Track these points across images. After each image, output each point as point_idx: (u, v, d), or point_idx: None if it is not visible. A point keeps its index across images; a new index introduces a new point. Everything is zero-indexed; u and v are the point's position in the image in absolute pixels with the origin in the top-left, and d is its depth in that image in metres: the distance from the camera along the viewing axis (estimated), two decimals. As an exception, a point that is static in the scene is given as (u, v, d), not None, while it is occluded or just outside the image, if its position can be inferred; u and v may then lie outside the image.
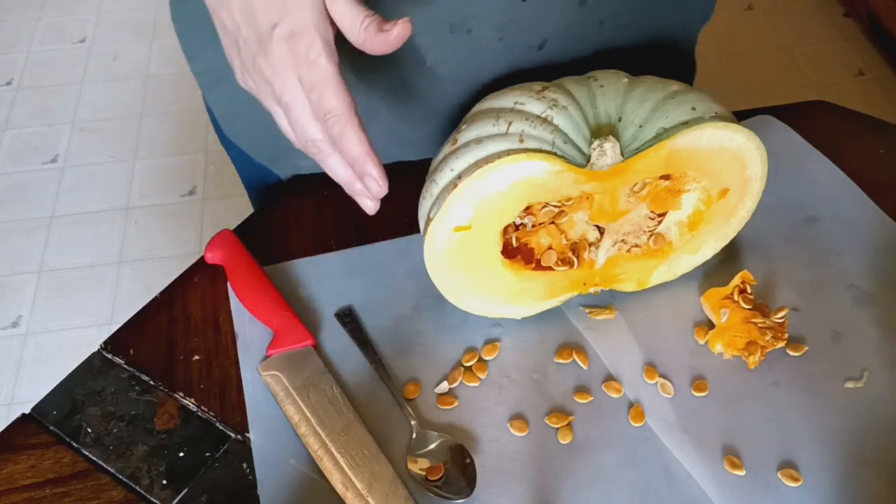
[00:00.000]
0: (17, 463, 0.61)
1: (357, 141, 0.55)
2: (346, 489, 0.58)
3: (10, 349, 1.77)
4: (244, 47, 0.56)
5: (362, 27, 0.53)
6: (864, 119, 0.86)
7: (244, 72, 0.58)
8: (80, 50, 2.48)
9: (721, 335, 0.66)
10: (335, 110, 0.54)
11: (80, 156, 2.17)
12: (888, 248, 0.73)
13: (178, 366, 0.67)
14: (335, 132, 0.55)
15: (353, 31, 0.54)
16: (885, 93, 2.22)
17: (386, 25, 0.53)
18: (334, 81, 0.54)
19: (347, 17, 0.54)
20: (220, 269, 0.72)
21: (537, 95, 0.61)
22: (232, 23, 0.55)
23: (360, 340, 0.67)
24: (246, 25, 0.55)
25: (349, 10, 0.53)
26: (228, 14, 0.55)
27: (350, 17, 0.53)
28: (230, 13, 0.55)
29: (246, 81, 0.58)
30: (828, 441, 0.61)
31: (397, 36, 0.53)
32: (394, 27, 0.53)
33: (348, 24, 0.54)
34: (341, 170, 0.58)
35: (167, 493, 0.59)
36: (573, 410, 0.63)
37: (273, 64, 0.54)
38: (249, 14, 0.54)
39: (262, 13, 0.53)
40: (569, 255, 0.66)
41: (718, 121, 0.61)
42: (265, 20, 0.54)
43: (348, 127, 0.55)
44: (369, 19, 0.53)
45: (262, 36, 0.54)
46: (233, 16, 0.55)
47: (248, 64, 0.56)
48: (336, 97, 0.54)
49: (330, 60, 0.54)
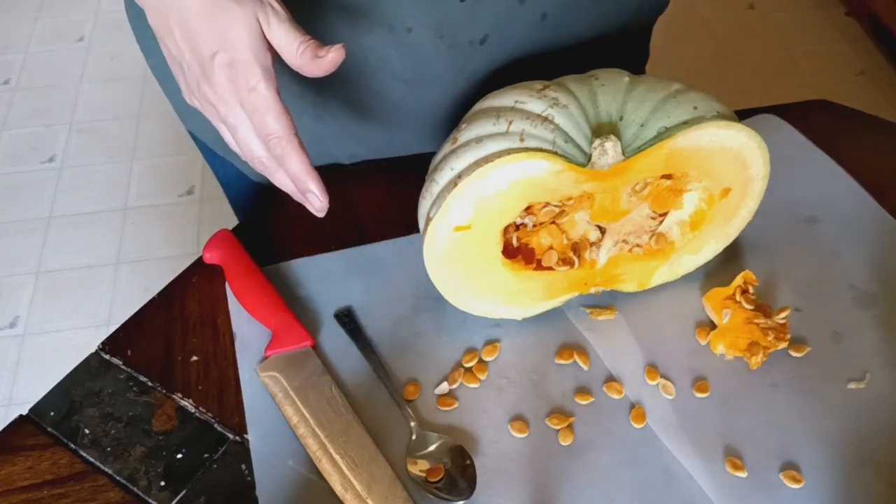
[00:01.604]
0: (15, 464, 0.61)
1: (297, 161, 0.59)
2: (345, 490, 0.58)
3: (7, 350, 1.76)
4: (188, 72, 0.59)
5: (298, 52, 0.56)
6: (866, 118, 0.86)
7: (190, 93, 0.61)
8: (78, 50, 2.48)
9: (723, 336, 0.66)
10: (276, 133, 0.58)
11: (78, 156, 2.17)
12: (890, 247, 0.72)
13: (177, 366, 0.67)
14: (277, 153, 0.59)
15: (290, 57, 0.57)
16: (885, 93, 2.22)
17: (320, 52, 0.56)
18: (274, 106, 0.57)
19: (284, 43, 0.57)
20: (218, 269, 0.71)
21: (538, 94, 0.61)
22: (176, 49, 0.58)
23: (359, 341, 0.67)
24: (189, 52, 0.57)
25: (285, 37, 0.56)
26: (172, 41, 0.58)
27: (286, 43, 0.57)
28: (173, 40, 0.58)
29: (192, 101, 0.61)
30: (829, 442, 0.60)
31: (331, 61, 0.56)
32: (328, 53, 0.56)
33: (285, 50, 0.57)
34: (288, 183, 0.61)
35: (165, 494, 0.59)
36: (574, 411, 0.63)
37: (216, 90, 0.57)
38: (191, 42, 0.57)
39: (203, 42, 0.56)
40: (569, 255, 0.66)
41: (720, 120, 0.61)
42: (206, 49, 0.56)
43: (288, 148, 0.58)
44: (304, 45, 0.56)
45: (203, 64, 0.57)
46: (176, 42, 0.58)
47: (192, 87, 0.59)
48: (276, 121, 0.57)
49: (269, 86, 0.57)
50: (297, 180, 0.60)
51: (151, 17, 0.59)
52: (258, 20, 0.56)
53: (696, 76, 2.28)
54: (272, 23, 0.56)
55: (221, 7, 0.55)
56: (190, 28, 0.56)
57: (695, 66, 2.32)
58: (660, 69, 2.52)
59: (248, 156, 0.60)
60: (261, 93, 0.56)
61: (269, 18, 0.56)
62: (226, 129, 0.60)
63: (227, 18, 0.55)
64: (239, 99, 0.57)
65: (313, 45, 0.56)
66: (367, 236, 0.75)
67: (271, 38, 0.57)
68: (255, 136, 0.59)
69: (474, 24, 0.68)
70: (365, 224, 0.76)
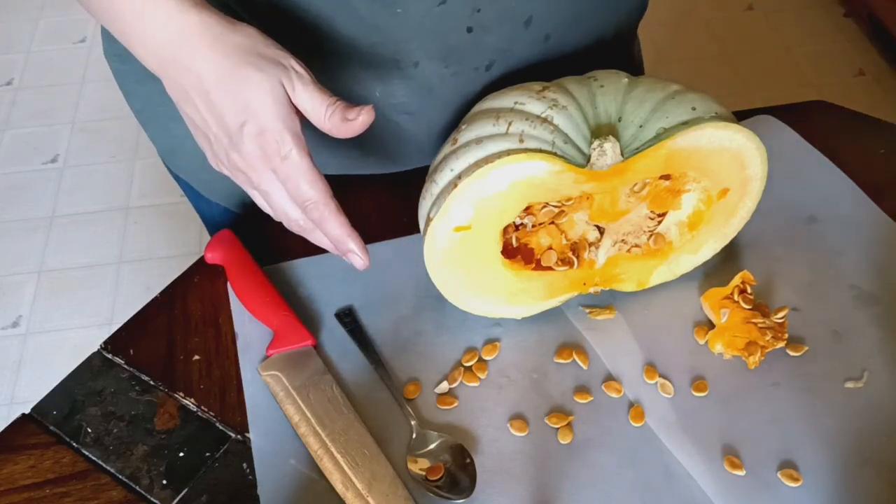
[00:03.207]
0: (17, 463, 0.61)
1: (336, 224, 0.58)
2: (345, 489, 0.58)
3: (9, 349, 1.77)
4: (215, 142, 0.57)
5: (327, 116, 0.56)
6: (865, 119, 0.86)
7: (217, 161, 0.59)
8: (80, 50, 2.48)
9: (721, 335, 0.66)
10: (312, 198, 0.57)
11: (80, 156, 2.17)
12: (888, 247, 0.73)
13: (178, 366, 0.67)
14: (315, 217, 0.58)
15: (318, 120, 0.56)
16: (885, 93, 2.22)
17: (350, 114, 0.55)
18: (308, 173, 0.56)
19: (311, 107, 0.56)
20: (220, 269, 0.72)
21: (537, 95, 0.61)
22: (200, 119, 0.57)
23: (360, 340, 0.67)
24: (215, 124, 0.56)
25: (312, 101, 0.56)
26: (194, 111, 0.57)
27: (314, 107, 0.56)
28: (196, 110, 0.56)
29: (219, 167, 0.60)
30: (828, 441, 0.61)
31: (361, 123, 0.56)
32: (358, 115, 0.55)
33: (313, 114, 0.56)
34: (326, 242, 0.61)
35: (167, 493, 0.59)
36: (573, 410, 0.63)
37: (246, 160, 0.56)
38: (216, 113, 0.55)
39: (228, 113, 0.55)
40: (569, 255, 0.66)
41: (718, 121, 0.61)
42: (232, 120, 0.55)
43: (326, 212, 0.57)
44: (332, 108, 0.55)
45: (232, 135, 0.55)
46: (199, 113, 0.56)
47: (220, 156, 0.58)
48: (311, 187, 0.56)
49: (301, 153, 0.56)
50: (337, 242, 0.59)
51: (169, 86, 0.57)
52: (282, 85, 0.55)
53: (696, 76, 2.28)
54: (297, 88, 0.55)
55: (242, 75, 0.54)
56: (211, 99, 0.55)
57: (695, 67, 2.32)
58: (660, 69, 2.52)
59: (284, 219, 0.60)
60: (293, 160, 0.55)
61: (294, 84, 0.55)
62: (258, 195, 0.59)
63: (250, 86, 0.54)
64: (271, 167, 0.56)
65: (341, 106, 0.55)
66: (368, 236, 0.75)
67: (298, 102, 0.56)
68: (290, 200, 0.58)
69: (480, 52, 0.67)
70: (366, 224, 0.76)
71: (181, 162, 0.82)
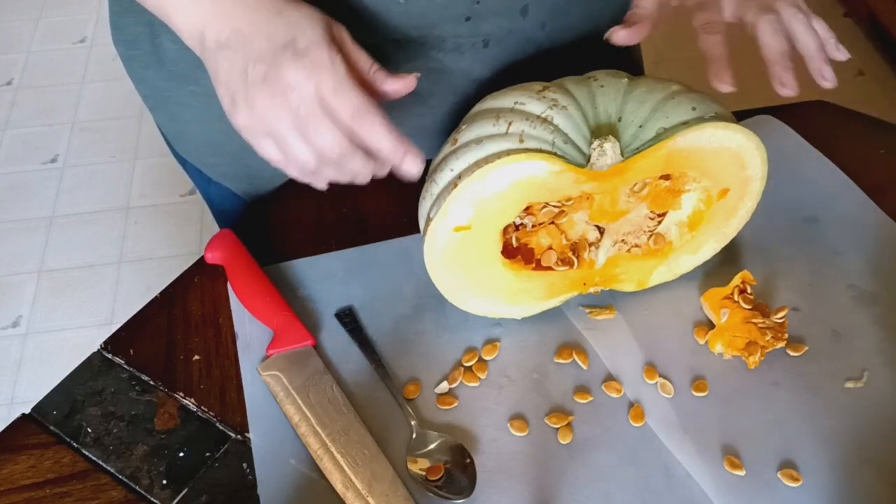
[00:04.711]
0: (18, 463, 0.61)
1: (387, 130, 0.56)
2: (346, 489, 0.58)
3: (10, 349, 1.77)
4: (251, 72, 0.55)
5: (372, 70, 0.58)
6: (864, 119, 0.86)
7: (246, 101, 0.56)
8: (80, 50, 2.48)
9: (721, 335, 0.66)
10: (363, 106, 0.55)
11: (80, 156, 2.17)
12: (888, 247, 0.73)
13: (178, 366, 0.67)
14: (364, 128, 0.56)
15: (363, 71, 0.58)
16: (885, 93, 2.22)
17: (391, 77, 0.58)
18: (354, 84, 0.55)
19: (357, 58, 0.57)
20: (220, 269, 0.72)
21: (537, 95, 0.61)
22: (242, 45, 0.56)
23: (360, 340, 0.67)
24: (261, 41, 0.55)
25: (359, 54, 0.58)
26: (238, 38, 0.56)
27: (360, 59, 0.57)
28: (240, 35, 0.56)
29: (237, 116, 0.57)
30: (828, 441, 0.61)
31: (405, 84, 0.58)
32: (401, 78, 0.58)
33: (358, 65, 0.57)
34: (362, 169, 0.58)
35: (167, 493, 0.59)
36: (573, 410, 0.63)
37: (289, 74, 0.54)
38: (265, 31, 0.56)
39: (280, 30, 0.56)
40: (569, 255, 0.66)
41: (718, 121, 0.61)
42: (282, 35, 0.55)
43: (376, 120, 0.55)
44: (376, 66, 0.58)
45: (276, 53, 0.55)
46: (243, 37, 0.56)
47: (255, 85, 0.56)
48: (359, 95, 0.55)
49: (344, 65, 0.55)
50: (391, 150, 0.56)
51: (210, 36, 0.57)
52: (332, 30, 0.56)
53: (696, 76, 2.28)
54: (346, 39, 0.57)
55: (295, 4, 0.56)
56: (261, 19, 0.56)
57: (695, 67, 2.31)
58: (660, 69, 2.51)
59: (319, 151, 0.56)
60: (338, 69, 0.55)
61: (344, 35, 0.57)
62: (271, 144, 0.57)
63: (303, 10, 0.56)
64: (316, 80, 0.54)
65: (383, 70, 0.58)
66: (368, 236, 0.75)
67: (347, 50, 0.57)
68: (330, 122, 0.55)
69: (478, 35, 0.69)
70: (366, 224, 0.76)
71: (189, 145, 0.83)
